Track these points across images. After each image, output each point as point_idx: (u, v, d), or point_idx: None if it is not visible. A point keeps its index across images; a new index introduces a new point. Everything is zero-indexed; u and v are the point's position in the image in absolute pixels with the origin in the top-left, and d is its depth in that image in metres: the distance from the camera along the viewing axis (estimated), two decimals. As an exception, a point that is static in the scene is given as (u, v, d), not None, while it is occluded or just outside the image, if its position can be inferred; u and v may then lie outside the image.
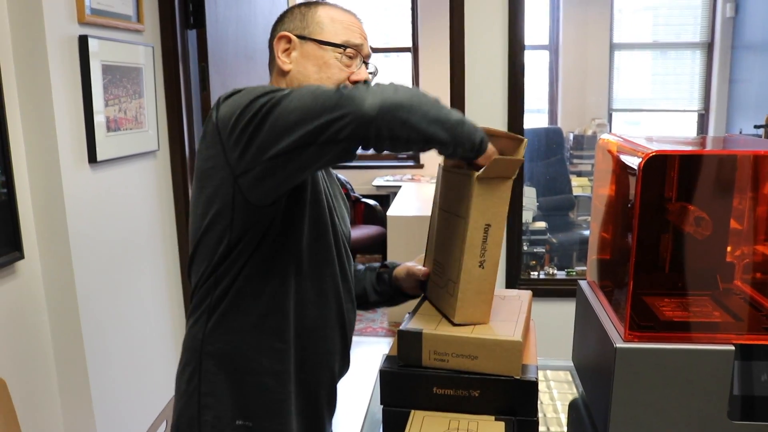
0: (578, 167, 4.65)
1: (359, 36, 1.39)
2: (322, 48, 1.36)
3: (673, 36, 5.33)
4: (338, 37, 1.36)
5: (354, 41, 1.37)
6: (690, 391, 1.12)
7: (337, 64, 1.36)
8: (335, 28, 1.38)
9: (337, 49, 1.35)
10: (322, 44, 1.36)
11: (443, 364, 1.20)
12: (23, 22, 2.15)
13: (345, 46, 1.36)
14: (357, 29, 1.40)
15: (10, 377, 2.10)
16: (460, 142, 1.14)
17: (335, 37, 1.37)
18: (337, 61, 1.36)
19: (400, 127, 1.07)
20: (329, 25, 1.38)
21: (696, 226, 1.22)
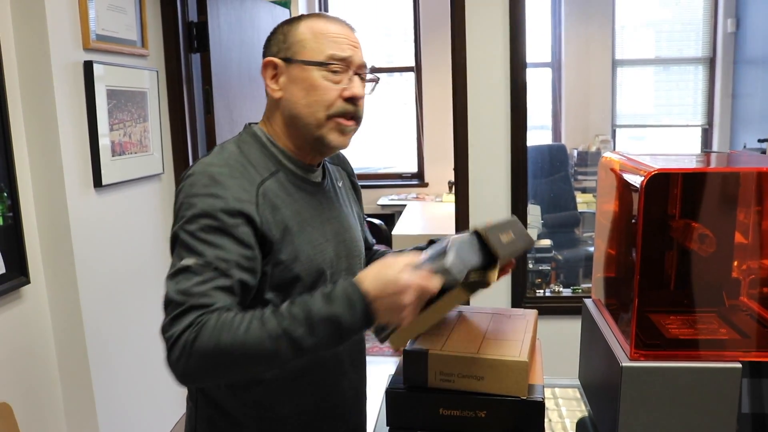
0: (583, 183, 4.64)
1: (348, 47, 1.30)
2: (307, 68, 1.28)
3: (676, 51, 5.34)
4: (322, 53, 1.28)
5: (340, 54, 1.28)
6: (698, 410, 1.11)
7: (325, 84, 1.27)
8: (318, 43, 1.28)
9: (322, 68, 1.27)
10: (305, 64, 1.28)
11: (449, 384, 1.20)
12: (29, 48, 2.18)
13: (328, 62, 1.27)
14: (344, 39, 1.30)
15: (16, 401, 2.10)
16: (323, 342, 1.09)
17: (318, 53, 1.28)
18: (324, 80, 1.27)
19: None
20: (312, 41, 1.29)
21: (700, 243, 1.22)
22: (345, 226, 1.41)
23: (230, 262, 1.16)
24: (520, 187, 2.68)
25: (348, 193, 1.52)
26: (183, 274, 1.15)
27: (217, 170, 1.22)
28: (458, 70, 2.68)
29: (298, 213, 1.28)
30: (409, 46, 6.44)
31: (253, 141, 1.32)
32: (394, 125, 6.64)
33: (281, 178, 1.29)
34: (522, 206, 2.70)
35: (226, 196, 1.19)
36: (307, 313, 1.08)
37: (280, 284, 1.25)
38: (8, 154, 2.10)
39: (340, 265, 1.37)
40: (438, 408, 1.20)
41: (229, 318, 1.10)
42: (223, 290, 1.15)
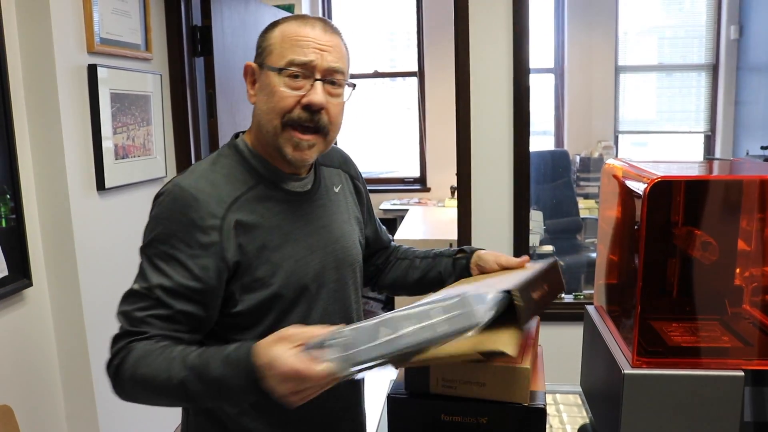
0: (585, 189, 4.64)
1: (312, 51, 1.23)
2: (270, 74, 1.24)
3: (679, 58, 5.34)
4: (282, 57, 1.23)
5: (300, 59, 1.22)
6: (700, 418, 1.11)
7: (281, 91, 1.22)
8: (283, 47, 1.24)
9: (281, 73, 1.22)
10: (269, 70, 1.24)
11: (451, 390, 1.20)
12: (33, 51, 2.19)
13: (283, 68, 1.22)
14: (311, 43, 1.23)
15: (17, 404, 2.10)
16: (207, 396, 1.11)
17: (279, 58, 1.23)
18: (282, 86, 1.22)
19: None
20: (278, 45, 1.25)
21: (703, 251, 1.22)
22: (336, 235, 1.37)
23: (174, 293, 1.17)
24: (523, 193, 2.68)
25: (348, 198, 1.48)
26: (130, 298, 1.20)
27: (184, 193, 1.20)
28: (461, 76, 2.68)
29: (278, 227, 1.26)
30: (412, 51, 6.45)
31: (233, 154, 1.30)
32: (396, 130, 6.65)
33: (260, 192, 1.27)
34: (524, 212, 2.70)
35: (188, 222, 1.18)
36: (204, 368, 1.07)
37: (260, 302, 1.23)
38: (12, 156, 2.11)
39: (328, 277, 1.33)
40: (439, 414, 1.20)
41: (151, 350, 1.13)
42: (161, 319, 1.16)
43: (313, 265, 1.30)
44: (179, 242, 1.18)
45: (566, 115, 5.26)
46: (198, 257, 1.18)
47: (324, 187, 1.40)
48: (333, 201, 1.41)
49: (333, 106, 1.26)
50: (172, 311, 1.17)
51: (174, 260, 1.18)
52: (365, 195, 1.56)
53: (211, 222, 1.19)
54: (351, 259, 1.40)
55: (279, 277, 1.24)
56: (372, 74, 6.58)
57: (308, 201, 1.34)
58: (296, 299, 1.27)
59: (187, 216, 1.18)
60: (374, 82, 6.72)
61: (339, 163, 1.50)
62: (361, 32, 6.52)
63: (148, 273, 1.20)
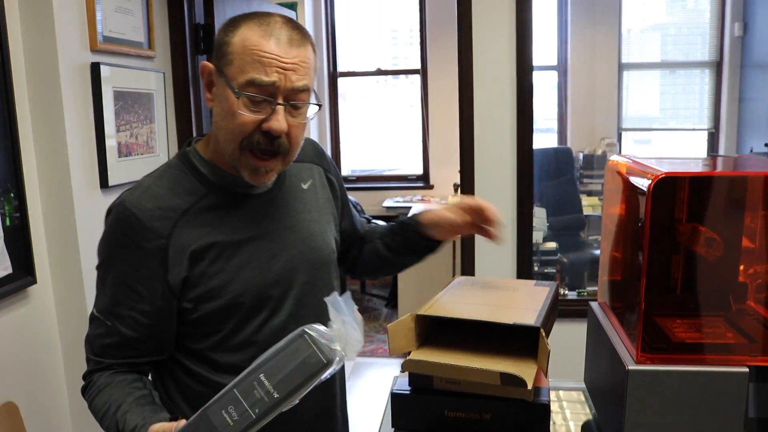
0: (588, 187, 4.64)
1: (275, 70, 1.11)
2: (227, 89, 1.14)
3: (682, 55, 5.34)
4: (243, 73, 1.12)
5: (261, 79, 1.11)
6: (704, 414, 1.10)
7: (239, 115, 1.12)
8: (243, 60, 1.12)
9: (238, 95, 1.12)
10: (226, 84, 1.14)
11: (455, 387, 1.20)
12: (37, 49, 2.19)
13: (242, 92, 1.12)
14: (273, 60, 1.11)
15: (22, 401, 2.10)
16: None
17: (240, 73, 1.12)
18: (240, 108, 1.12)
19: None
20: (238, 57, 1.13)
21: (707, 248, 1.21)
22: (302, 235, 1.31)
23: (125, 319, 1.19)
24: (526, 190, 2.68)
25: (320, 193, 1.41)
26: (92, 323, 1.24)
27: (127, 213, 1.18)
28: (465, 73, 2.68)
29: (233, 233, 1.22)
30: (414, 49, 6.45)
31: (181, 164, 1.25)
32: (399, 127, 6.65)
33: (211, 201, 1.23)
34: (528, 209, 2.70)
35: (133, 245, 1.17)
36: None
37: (216, 311, 1.21)
38: (16, 155, 2.11)
39: (296, 279, 1.28)
40: (443, 410, 1.20)
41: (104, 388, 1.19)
42: (114, 347, 1.21)
43: (275, 270, 1.25)
44: (127, 266, 1.18)
45: (569, 112, 5.26)
46: (146, 279, 1.18)
47: (289, 185, 1.34)
48: (299, 199, 1.34)
49: (294, 128, 1.18)
50: (124, 338, 1.20)
51: (123, 285, 1.19)
52: (339, 188, 1.48)
53: (156, 243, 1.17)
54: (322, 259, 1.34)
55: (235, 285, 1.21)
56: (375, 72, 6.58)
57: (268, 202, 1.28)
58: (257, 305, 1.24)
59: (131, 239, 1.17)
60: (377, 79, 6.72)
61: (311, 158, 1.42)
62: (363, 30, 6.52)
63: (101, 297, 1.23)
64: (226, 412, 0.92)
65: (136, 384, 1.20)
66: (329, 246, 1.37)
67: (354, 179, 6.61)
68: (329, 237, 1.39)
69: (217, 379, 1.24)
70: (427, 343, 1.26)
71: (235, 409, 0.92)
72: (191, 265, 1.19)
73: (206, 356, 1.25)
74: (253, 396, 0.92)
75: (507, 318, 1.19)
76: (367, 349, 4.65)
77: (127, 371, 1.22)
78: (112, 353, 1.21)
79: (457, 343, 1.23)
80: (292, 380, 0.92)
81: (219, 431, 0.91)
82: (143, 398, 1.17)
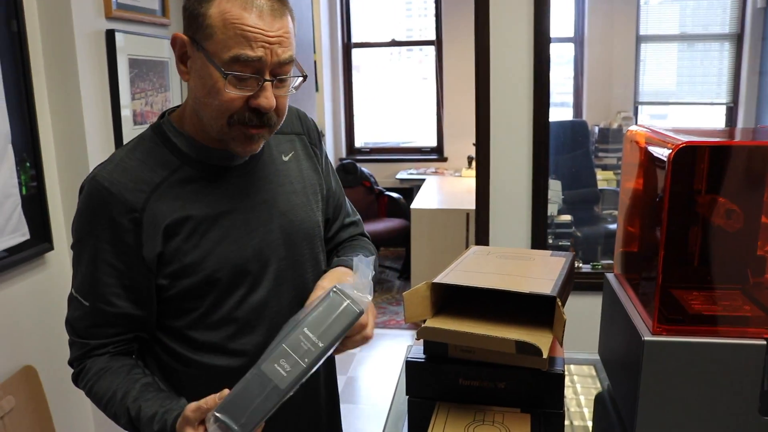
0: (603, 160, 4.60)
1: (261, 45, 1.07)
2: (210, 67, 1.09)
3: (701, 28, 5.25)
4: (227, 49, 1.07)
5: (247, 54, 1.07)
6: (720, 386, 1.10)
7: (225, 93, 1.09)
8: (226, 35, 1.07)
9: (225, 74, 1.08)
10: (208, 60, 1.09)
11: (469, 355, 1.20)
12: (52, 17, 2.18)
13: (230, 70, 1.08)
14: (258, 35, 1.07)
15: (41, 365, 2.14)
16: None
17: (223, 49, 1.07)
18: (226, 86, 1.09)
19: None
20: (220, 30, 1.07)
21: (727, 219, 1.20)
22: (282, 208, 1.28)
23: (105, 296, 1.18)
24: (542, 163, 2.66)
25: (303, 164, 1.36)
26: (71, 303, 1.22)
27: (99, 187, 1.15)
28: (481, 45, 2.65)
29: (208, 207, 1.19)
30: (429, 21, 6.39)
31: (154, 137, 1.23)
32: (413, 99, 6.61)
33: (185, 174, 1.19)
34: (543, 181, 2.68)
35: (106, 219, 1.14)
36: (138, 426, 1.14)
37: (192, 287, 1.19)
38: (33, 124, 2.12)
39: (275, 254, 1.26)
40: (458, 378, 1.21)
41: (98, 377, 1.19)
42: (99, 326, 1.20)
43: (252, 245, 1.23)
44: (101, 242, 1.15)
45: (585, 85, 5.20)
46: (122, 254, 1.16)
47: (267, 156, 1.29)
48: (279, 171, 1.30)
49: (281, 100, 1.15)
50: (105, 316, 1.19)
51: (100, 260, 1.16)
52: (325, 160, 1.43)
53: (129, 216, 1.14)
54: (304, 233, 1.31)
55: (211, 261, 1.18)
56: (389, 43, 6.52)
57: (245, 175, 1.25)
58: (234, 281, 1.21)
59: (104, 213, 1.14)
60: (390, 51, 6.67)
61: (292, 128, 1.37)
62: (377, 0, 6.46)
63: (78, 275, 1.20)
64: (278, 365, 1.03)
65: (136, 371, 1.20)
66: (312, 219, 1.33)
67: (368, 151, 6.59)
68: (313, 210, 1.34)
69: (197, 358, 1.24)
70: (442, 311, 1.26)
71: (287, 361, 1.04)
72: (165, 240, 1.16)
73: (185, 334, 1.23)
74: (301, 348, 1.04)
75: (523, 287, 1.18)
76: (380, 321, 4.68)
77: (118, 354, 1.21)
78: (96, 332, 1.19)
79: (472, 312, 1.23)
80: (332, 330, 1.07)
81: (275, 382, 1.03)
82: (150, 385, 1.17)
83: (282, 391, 1.02)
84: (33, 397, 2.10)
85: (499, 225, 2.73)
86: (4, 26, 2.00)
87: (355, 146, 6.59)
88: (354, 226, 1.52)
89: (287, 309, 1.27)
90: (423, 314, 1.22)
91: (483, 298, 1.25)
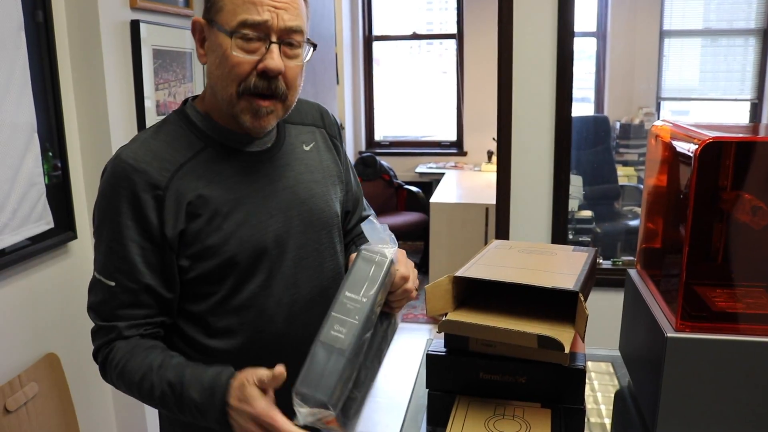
0: (624, 156, 4.57)
1: (266, 9, 1.11)
2: (220, 35, 1.14)
3: (725, 23, 5.19)
4: (234, 16, 1.12)
5: (254, 18, 1.11)
6: (742, 384, 1.10)
7: (234, 56, 1.12)
8: (234, 4, 1.12)
9: (232, 36, 1.12)
10: (219, 30, 1.14)
11: (490, 349, 1.20)
12: (78, 7, 2.20)
13: (235, 30, 1.12)
14: (263, 0, 1.12)
15: (63, 352, 2.16)
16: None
17: (232, 17, 1.12)
18: (235, 50, 1.12)
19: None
20: (228, 1, 1.13)
21: (752, 216, 1.19)
22: (303, 196, 1.29)
23: (133, 273, 1.16)
24: (564, 158, 2.65)
25: (324, 155, 1.38)
26: (94, 288, 1.19)
27: (123, 165, 1.16)
28: (504, 38, 2.64)
29: (230, 190, 1.20)
30: (450, 14, 6.37)
31: (179, 119, 1.24)
32: (433, 93, 6.59)
33: (209, 155, 1.21)
34: (564, 176, 2.67)
35: (131, 195, 1.15)
36: (182, 389, 1.11)
37: (212, 270, 1.20)
38: (58, 114, 2.14)
39: (293, 242, 1.26)
40: (478, 372, 1.21)
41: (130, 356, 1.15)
42: (127, 306, 1.17)
43: (272, 230, 1.23)
44: (125, 219, 1.15)
45: (607, 80, 5.16)
46: (146, 231, 1.15)
47: (289, 145, 1.31)
48: (300, 160, 1.32)
49: (290, 70, 1.17)
50: (135, 295, 1.17)
51: (124, 237, 1.15)
52: (344, 155, 1.45)
53: (153, 193, 1.15)
54: (323, 221, 1.32)
55: (232, 244, 1.19)
56: (410, 36, 6.51)
57: (267, 161, 1.26)
58: (254, 265, 1.22)
59: (127, 188, 1.15)
60: (410, 44, 6.65)
61: (313, 120, 1.40)
62: (399, -7, 6.44)
63: (101, 257, 1.18)
64: (334, 330, 1.07)
65: (168, 352, 1.18)
66: (332, 209, 1.34)
67: (387, 144, 6.59)
68: (332, 199, 1.35)
69: (215, 344, 1.23)
70: (463, 305, 1.26)
71: (340, 324, 1.08)
72: (188, 220, 1.17)
73: (204, 319, 1.23)
74: (348, 309, 1.09)
75: (545, 282, 1.18)
76: (398, 314, 4.68)
77: (148, 337, 1.20)
78: (123, 314, 1.17)
79: (493, 306, 1.23)
80: (372, 284, 1.12)
81: (336, 346, 1.06)
82: (185, 361, 1.16)
83: (346, 351, 1.05)
84: (55, 384, 2.13)
85: (519, 220, 2.72)
86: (30, 17, 2.02)
87: (374, 139, 6.59)
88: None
89: (305, 296, 1.28)
90: (445, 307, 1.22)
91: (505, 292, 1.25)
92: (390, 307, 1.21)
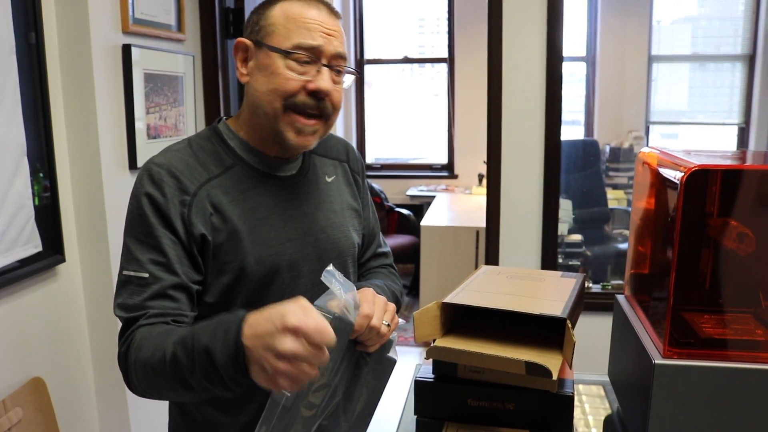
0: (614, 180, 4.59)
1: (320, 35, 1.19)
2: (272, 55, 1.19)
3: (713, 48, 5.25)
4: (289, 39, 1.18)
5: (308, 42, 1.18)
6: (731, 411, 1.09)
7: (286, 73, 1.18)
8: (288, 28, 1.19)
9: (287, 56, 1.18)
10: (270, 50, 1.19)
11: (478, 376, 1.20)
12: (70, 30, 2.21)
13: (291, 51, 1.18)
14: (317, 26, 1.20)
15: (49, 376, 2.14)
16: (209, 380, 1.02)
17: (285, 39, 1.19)
18: (286, 69, 1.18)
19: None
20: (282, 25, 1.20)
21: (739, 243, 1.20)
22: (321, 224, 1.32)
23: (165, 264, 1.15)
24: (553, 182, 2.67)
25: (343, 188, 1.43)
26: (123, 286, 1.17)
27: (158, 169, 1.19)
28: (494, 62, 2.66)
29: (253, 210, 1.23)
30: (441, 38, 6.42)
31: (211, 135, 1.28)
32: (424, 116, 6.63)
33: (237, 173, 1.24)
34: (554, 200, 2.68)
35: (162, 196, 1.16)
36: (192, 337, 1.03)
37: (228, 286, 1.21)
38: (48, 135, 2.14)
39: (307, 268, 1.28)
40: (466, 399, 1.20)
41: (150, 333, 1.09)
42: (158, 297, 1.14)
43: (289, 253, 1.25)
44: (156, 217, 1.17)
45: (597, 103, 5.20)
46: (174, 227, 1.17)
47: (313, 174, 1.36)
48: (322, 190, 1.36)
49: (336, 92, 1.23)
50: (167, 286, 1.15)
51: (156, 231, 1.16)
52: (364, 192, 1.50)
53: (181, 198, 1.17)
54: (338, 250, 1.34)
55: (249, 262, 1.21)
56: (401, 60, 6.55)
57: (291, 187, 1.30)
58: (266, 284, 1.23)
59: (160, 191, 1.17)
60: (403, 68, 6.70)
61: (337, 154, 1.45)
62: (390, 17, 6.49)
63: (137, 253, 1.17)
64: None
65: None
66: (348, 239, 1.37)
67: (378, 167, 6.61)
68: (350, 230, 1.38)
69: None
70: (452, 331, 1.26)
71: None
72: (210, 230, 1.19)
73: None
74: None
75: (533, 308, 1.18)
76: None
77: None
78: (154, 304, 1.14)
79: (481, 332, 1.23)
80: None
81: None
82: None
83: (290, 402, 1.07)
84: (41, 409, 2.10)
85: (509, 243, 2.73)
86: (23, 38, 2.03)
87: (366, 162, 6.61)
88: (384, 257, 1.58)
89: None
90: (433, 334, 1.22)
91: (493, 318, 1.25)
92: (364, 346, 1.18)
